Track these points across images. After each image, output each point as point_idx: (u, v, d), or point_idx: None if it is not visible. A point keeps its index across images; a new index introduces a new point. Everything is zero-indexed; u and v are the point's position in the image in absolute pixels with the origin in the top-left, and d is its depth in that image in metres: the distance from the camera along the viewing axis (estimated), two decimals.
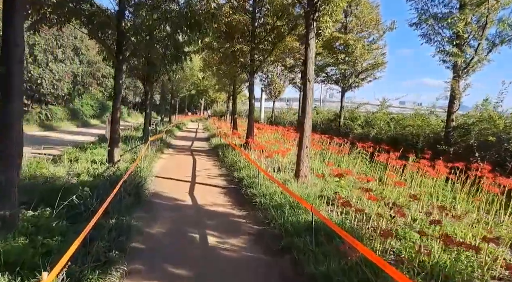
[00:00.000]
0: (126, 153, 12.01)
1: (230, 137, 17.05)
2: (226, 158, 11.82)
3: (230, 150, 12.63)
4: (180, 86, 36.71)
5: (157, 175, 9.18)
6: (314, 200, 6.09)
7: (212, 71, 19.55)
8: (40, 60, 24.34)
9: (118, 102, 9.71)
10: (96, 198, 5.33)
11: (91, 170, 8.79)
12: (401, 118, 15.23)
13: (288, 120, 26.89)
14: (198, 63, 36.78)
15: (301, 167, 7.34)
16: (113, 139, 9.72)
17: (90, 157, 10.59)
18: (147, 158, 10.66)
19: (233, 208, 6.52)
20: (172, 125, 28.31)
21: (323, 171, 9.08)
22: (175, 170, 10.20)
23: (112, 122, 9.75)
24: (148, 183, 7.92)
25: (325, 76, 18.13)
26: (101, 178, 7.79)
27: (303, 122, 7.40)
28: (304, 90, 7.48)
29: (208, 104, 69.59)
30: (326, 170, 9.31)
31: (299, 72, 24.15)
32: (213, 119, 40.84)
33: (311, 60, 7.44)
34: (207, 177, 9.41)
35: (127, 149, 12.98)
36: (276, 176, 7.98)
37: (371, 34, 16.55)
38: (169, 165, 11.16)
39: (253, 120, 14.57)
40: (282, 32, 12.79)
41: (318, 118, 20.36)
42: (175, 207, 6.43)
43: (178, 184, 8.43)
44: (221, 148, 13.92)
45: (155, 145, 13.69)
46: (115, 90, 9.71)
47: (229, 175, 9.62)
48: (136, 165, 8.64)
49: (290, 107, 33.14)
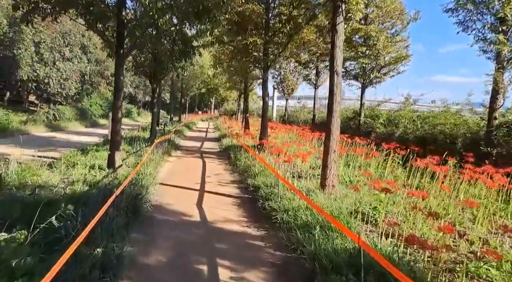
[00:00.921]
0: (130, 156, 11.08)
1: (242, 137, 16.01)
2: (238, 161, 10.77)
3: (242, 152, 11.58)
4: (190, 84, 35.87)
5: (162, 182, 8.19)
6: (348, 218, 4.99)
7: (223, 67, 18.49)
8: (47, 58, 23.69)
9: (119, 100, 8.75)
10: (83, 217, 4.35)
11: (89, 177, 7.85)
12: (426, 116, 13.94)
13: (302, 119, 25.70)
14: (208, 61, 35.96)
15: (327, 175, 6.22)
16: (114, 142, 8.77)
17: (91, 161, 9.68)
18: (152, 162, 9.69)
19: (248, 225, 5.45)
20: (182, 125, 27.44)
21: (350, 178, 7.94)
22: (182, 176, 9.20)
23: (113, 123, 8.81)
24: (151, 193, 6.92)
25: (343, 71, 16.90)
26: (97, 187, 6.85)
27: (329, 122, 6.28)
28: (330, 85, 6.36)
29: (218, 103, 68.80)
30: (354, 176, 8.17)
31: (314, 68, 22.97)
32: (223, 118, 39.90)
33: (339, 49, 6.31)
34: (218, 184, 8.37)
35: (132, 151, 12.06)
36: (298, 184, 6.88)
37: (394, 25, 15.26)
38: (176, 170, 10.17)
39: (267, 120, 13.48)
40: (299, 23, 11.64)
41: None
42: (179, 224, 5.40)
43: (185, 193, 7.41)
44: (232, 150, 12.89)
45: (162, 147, 12.74)
46: (115, 87, 8.75)
47: (243, 181, 8.56)
48: (137, 171, 7.66)
49: (304, 106, 31.91)
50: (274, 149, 8.93)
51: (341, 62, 6.36)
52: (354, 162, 9.38)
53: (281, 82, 29.45)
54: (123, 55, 8.64)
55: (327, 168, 6.21)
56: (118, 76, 8.67)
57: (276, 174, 6.31)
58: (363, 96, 16.23)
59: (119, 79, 8.68)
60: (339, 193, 6.24)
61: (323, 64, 22.01)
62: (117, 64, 8.67)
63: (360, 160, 9.60)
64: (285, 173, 8.38)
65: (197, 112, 59.98)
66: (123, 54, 8.62)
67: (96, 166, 8.88)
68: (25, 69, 21.40)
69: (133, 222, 5.10)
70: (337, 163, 6.35)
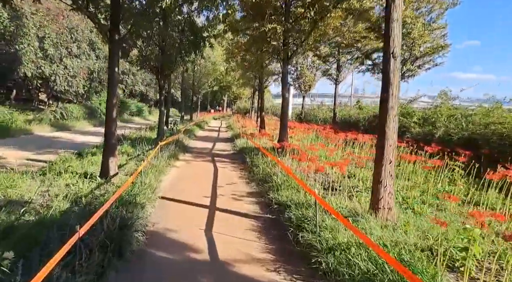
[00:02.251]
0: (131, 160, 9.65)
1: (258, 138, 14.45)
2: (255, 167, 9.22)
3: (260, 155, 10.01)
4: (202, 81, 34.47)
5: (163, 196, 6.68)
6: (425, 265, 3.36)
7: (237, 61, 16.94)
8: (52, 55, 22.59)
9: (114, 96, 7.28)
10: (23, 273, 2.84)
11: (75, 188, 6.43)
12: (469, 114, 12.08)
13: (321, 118, 23.96)
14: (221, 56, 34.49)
15: (381, 193, 4.59)
16: (108, 146, 7.32)
17: (86, 166, 8.30)
18: (155, 168, 8.22)
19: (277, 268, 3.88)
20: (193, 124, 26.05)
21: (402, 194, 6.28)
22: (189, 186, 7.69)
23: (107, 124, 7.36)
24: (148, 212, 5.43)
25: (371, 64, 15.16)
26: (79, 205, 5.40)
27: (383, 122, 4.64)
28: (384, 73, 4.72)
29: (231, 101, 67.43)
30: (404, 190, 6.51)
31: (335, 62, 21.21)
32: (236, 116, 38.39)
33: (397, 23, 4.66)
34: (232, 197, 6.82)
35: (136, 154, 10.64)
36: (338, 204, 5.27)
37: (432, 10, 13.39)
38: (183, 177, 8.67)
39: (287, 119, 11.87)
40: (325, 6, 9.97)
41: (361, 115, 17.35)
42: (179, 267, 3.87)
43: (191, 211, 5.89)
44: (248, 153, 11.34)
45: (169, 149, 11.29)
46: (109, 81, 7.29)
47: (263, 194, 6.98)
48: (133, 182, 6.19)
49: (323, 103, 30.11)
50: (301, 155, 7.32)
51: (399, 42, 4.71)
52: (404, 172, 7.67)
53: (297, 78, 27.77)
54: (118, 42, 7.17)
55: (381, 185, 4.58)
56: (112, 67, 7.20)
57: (312, 193, 4.71)
58: None
59: (114, 71, 7.22)
60: (396, 218, 4.61)
61: (344, 58, 20.21)
62: (111, 53, 7.20)
63: (403, 167, 7.90)
64: (313, 183, 6.79)
65: (210, 111, 58.64)
66: (118, 40, 7.15)
67: (89, 173, 7.47)
68: (28, 65, 20.30)
69: (115, 264, 3.60)
70: (394, 177, 4.70)
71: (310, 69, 27.70)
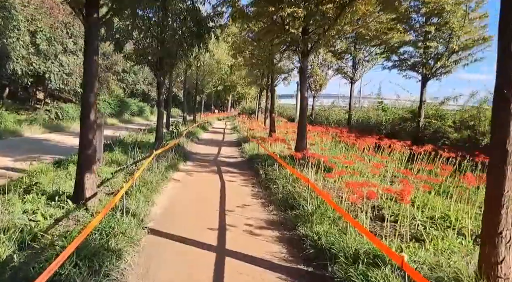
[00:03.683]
0: (120, 172, 7.90)
1: (268, 143, 12.70)
2: (272, 182, 7.46)
3: (276, 166, 8.24)
4: (206, 80, 32.77)
5: (153, 228, 4.94)
6: None
7: (244, 56, 15.19)
8: (46, 51, 20.93)
9: (92, 93, 5.55)
10: None
11: (34, 218, 4.72)
12: None
13: (334, 119, 22.15)
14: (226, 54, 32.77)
15: (500, 252, 2.81)
16: (83, 159, 5.58)
17: (60, 183, 6.57)
18: (146, 186, 6.49)
19: None
20: (196, 125, 24.34)
21: None
22: (190, 210, 5.95)
23: (83, 129, 5.63)
24: (126, 262, 3.69)
25: (396, 60, 13.36)
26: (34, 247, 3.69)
27: (504, 137, 2.85)
28: (501, 71, 2.93)
29: (235, 101, 65.77)
30: None
31: (351, 59, 19.41)
32: (241, 117, 36.63)
33: None
34: (247, 231, 5.05)
35: (128, 163, 8.88)
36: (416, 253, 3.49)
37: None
38: (182, 197, 6.92)
39: (306, 123, 10.09)
40: None
41: (383, 117, 15.53)
42: None
43: (190, 257, 4.14)
44: (260, 162, 9.59)
45: (167, 158, 9.57)
46: (86, 71, 5.56)
47: (288, 226, 5.20)
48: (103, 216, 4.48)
49: (334, 104, 28.29)
50: (335, 173, 5.53)
51: None
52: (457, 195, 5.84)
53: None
54: (97, 22, 5.43)
55: (500, 239, 2.80)
56: (90, 55, 5.47)
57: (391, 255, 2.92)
58: (423, 91, 12.61)
59: (92, 61, 5.49)
60: None
61: (362, 55, 18.41)
62: (88, 36, 5.48)
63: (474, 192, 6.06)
64: (353, 208, 5.03)
65: (214, 111, 56.95)
66: (97, 19, 5.41)
67: (60, 193, 5.75)
68: (17, 62, 18.65)
69: None
70: None
71: (321, 67, 25.96)
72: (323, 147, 9.53)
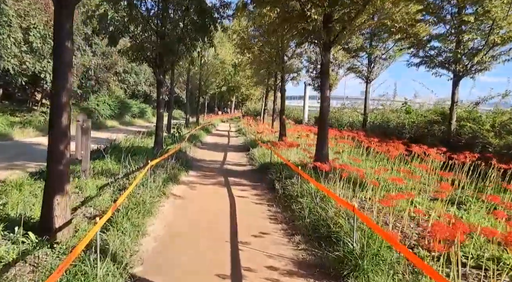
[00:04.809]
0: (109, 187, 6.53)
1: (279, 148, 11.29)
2: (293, 200, 6.07)
3: (297, 179, 6.83)
4: (210, 81, 31.45)
5: (141, 276, 3.56)
6: None
7: (253, 52, 13.80)
8: (40, 49, 19.66)
9: (63, 91, 4.18)
10: None
11: None
12: None
13: (348, 122, 20.71)
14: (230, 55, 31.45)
15: None
16: (53, 176, 4.22)
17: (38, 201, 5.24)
18: (137, 209, 5.12)
19: None
20: (199, 127, 22.99)
21: None
22: (191, 244, 4.55)
23: (52, 136, 4.26)
24: None
25: (424, 56, 11.90)
26: None
27: None
28: None
29: (239, 102, 64.48)
30: None
31: (366, 57, 17.98)
32: (246, 119, 35.22)
33: None
34: (270, 280, 3.66)
35: (121, 173, 7.50)
36: None
37: None
38: (181, 223, 5.50)
39: (327, 127, 8.68)
40: None
41: (406, 120, 14.07)
42: None
43: None
44: (274, 172, 8.19)
45: (166, 168, 8.20)
46: (55, 66, 4.20)
47: (327, 270, 3.77)
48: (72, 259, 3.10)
49: (344, 105, 26.80)
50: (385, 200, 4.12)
51: None
52: None
53: (317, 77, 24.59)
54: (68, 2, 4.07)
55: None
56: (61, 39, 4.11)
57: None
58: (455, 90, 11.16)
59: (64, 47, 4.13)
60: None
61: (379, 52, 16.96)
62: (57, 16, 4.12)
63: None
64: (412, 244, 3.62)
65: (217, 113, 55.62)
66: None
67: (28, 218, 4.42)
68: (8, 60, 17.39)
69: None
70: None
71: (331, 66, 24.51)
72: (355, 158, 8.03)
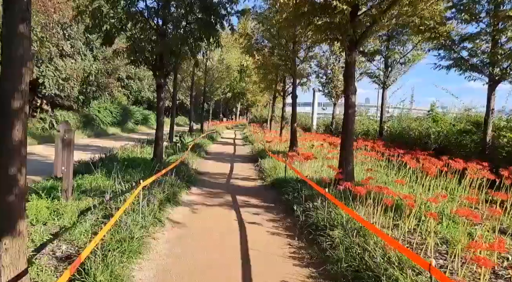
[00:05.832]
0: (91, 213, 5.30)
1: (292, 159, 10.04)
2: (320, 232, 4.81)
3: (321, 202, 5.59)
4: (215, 87, 30.43)
5: None
6: None
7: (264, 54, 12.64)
8: (36, 52, 18.72)
9: (17, 94, 2.99)
10: None
11: None
12: None
13: (362, 130, 19.43)
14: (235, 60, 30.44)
15: None
16: (7, 208, 3.01)
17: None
18: (125, 244, 3.90)
19: None
20: (204, 136, 21.83)
21: None
22: None
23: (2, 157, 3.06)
24: None
25: (456, 57, 10.66)
26: None
27: None
28: None
29: (244, 109, 63.49)
30: None
31: (383, 61, 16.77)
32: (253, 126, 34.05)
33: None
34: None
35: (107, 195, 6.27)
36: None
37: None
38: (177, 271, 4.27)
39: (352, 139, 7.45)
40: None
41: (431, 129, 12.77)
42: None
43: None
44: (290, 192, 6.95)
45: (162, 188, 6.97)
46: (4, 59, 3.04)
47: None
48: None
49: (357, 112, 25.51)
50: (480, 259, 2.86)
51: None
52: None
53: (327, 83, 23.44)
54: None
55: None
56: (9, 19, 2.95)
57: None
58: (492, 96, 9.90)
59: (13, 31, 2.96)
60: None
61: (398, 56, 15.77)
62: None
63: None
64: None
65: (222, 119, 54.56)
66: None
67: None
68: None
69: None
70: None
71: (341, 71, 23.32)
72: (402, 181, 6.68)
